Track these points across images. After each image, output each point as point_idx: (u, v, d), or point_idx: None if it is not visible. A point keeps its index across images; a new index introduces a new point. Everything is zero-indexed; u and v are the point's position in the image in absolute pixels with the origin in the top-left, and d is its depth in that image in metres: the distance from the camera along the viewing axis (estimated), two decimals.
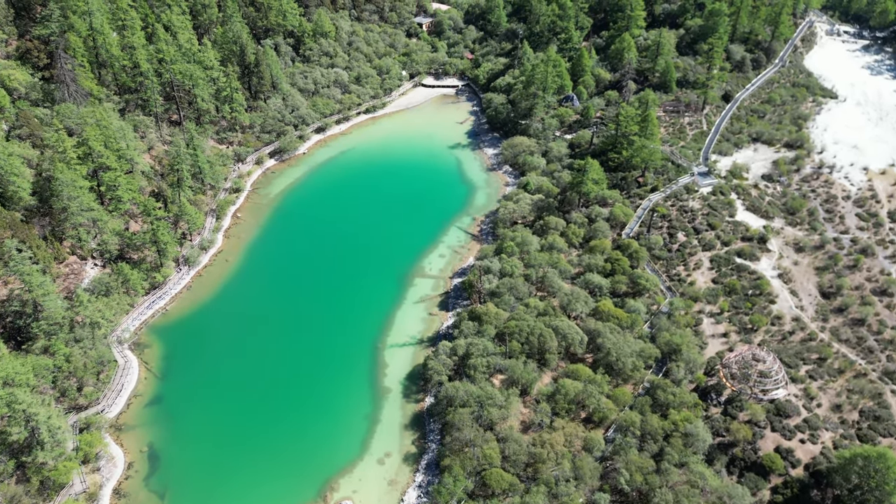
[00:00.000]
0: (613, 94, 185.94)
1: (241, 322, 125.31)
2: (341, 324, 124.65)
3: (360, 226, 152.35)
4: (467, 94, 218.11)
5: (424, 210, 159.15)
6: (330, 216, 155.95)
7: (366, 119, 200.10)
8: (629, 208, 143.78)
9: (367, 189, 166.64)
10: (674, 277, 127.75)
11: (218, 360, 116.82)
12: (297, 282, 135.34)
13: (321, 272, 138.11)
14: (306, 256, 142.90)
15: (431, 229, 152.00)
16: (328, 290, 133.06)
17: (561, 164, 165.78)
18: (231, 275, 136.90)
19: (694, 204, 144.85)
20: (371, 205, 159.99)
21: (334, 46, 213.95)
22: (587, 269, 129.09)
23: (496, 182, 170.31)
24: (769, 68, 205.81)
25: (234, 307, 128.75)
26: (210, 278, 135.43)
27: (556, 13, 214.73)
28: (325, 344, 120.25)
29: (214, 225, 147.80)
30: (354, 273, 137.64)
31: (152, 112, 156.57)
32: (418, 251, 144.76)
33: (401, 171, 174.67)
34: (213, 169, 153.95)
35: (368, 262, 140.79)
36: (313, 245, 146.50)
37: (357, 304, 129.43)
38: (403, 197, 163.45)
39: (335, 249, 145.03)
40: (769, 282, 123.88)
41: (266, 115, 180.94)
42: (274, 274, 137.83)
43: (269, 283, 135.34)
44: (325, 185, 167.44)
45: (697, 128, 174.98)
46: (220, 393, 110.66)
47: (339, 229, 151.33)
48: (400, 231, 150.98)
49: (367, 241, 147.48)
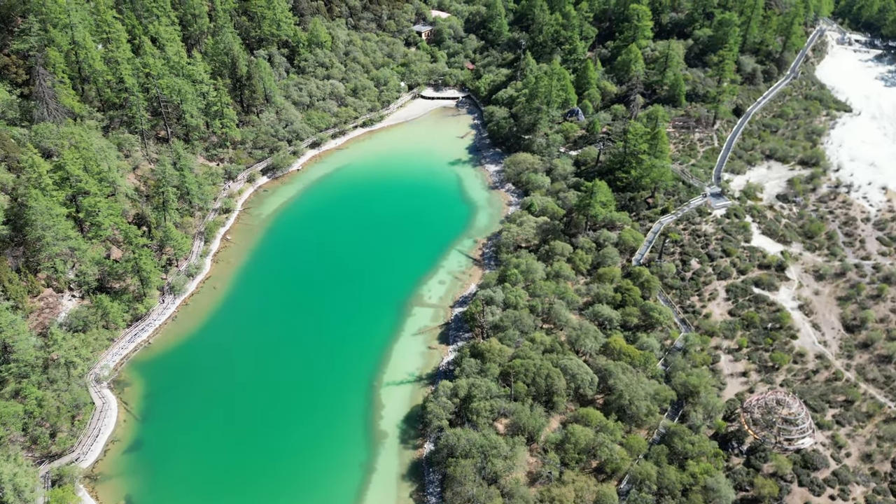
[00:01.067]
0: (620, 109, 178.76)
1: (228, 356, 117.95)
2: (335, 358, 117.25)
3: (356, 248, 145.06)
4: (468, 106, 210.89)
5: (424, 231, 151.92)
6: (324, 238, 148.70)
7: (363, 133, 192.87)
8: (639, 232, 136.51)
9: (364, 208, 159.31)
10: (688, 309, 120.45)
11: (202, 399, 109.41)
12: (289, 311, 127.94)
13: (314, 300, 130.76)
14: (299, 283, 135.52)
15: (431, 253, 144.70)
16: (322, 321, 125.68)
17: (566, 183, 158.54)
18: (219, 304, 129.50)
19: (707, 228, 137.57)
20: (368, 225, 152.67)
21: (330, 57, 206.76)
22: (596, 299, 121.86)
23: (498, 201, 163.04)
24: (781, 80, 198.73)
25: (220, 339, 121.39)
26: (196, 308, 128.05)
27: (559, 22, 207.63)
28: (318, 381, 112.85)
29: (202, 249, 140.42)
30: (350, 301, 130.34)
31: (138, 129, 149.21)
32: (417, 277, 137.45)
33: (399, 188, 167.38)
34: (201, 189, 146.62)
35: (364, 289, 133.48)
36: (306, 270, 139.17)
37: (352, 336, 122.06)
38: (402, 217, 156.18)
39: (329, 274, 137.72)
40: (789, 314, 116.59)
41: (258, 129, 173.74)
42: (264, 302, 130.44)
43: (259, 312, 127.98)
44: (319, 205, 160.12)
45: (708, 144, 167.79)
46: (205, 437, 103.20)
47: (333, 252, 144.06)
48: (398, 254, 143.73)
49: (364, 265, 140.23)
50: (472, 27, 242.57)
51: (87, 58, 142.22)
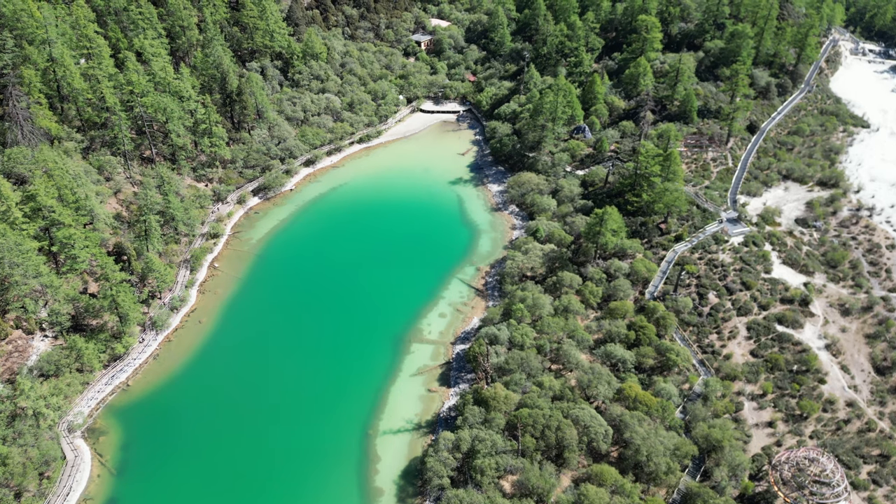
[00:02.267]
0: (629, 125, 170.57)
1: (213, 398, 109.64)
2: (328, 402, 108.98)
3: (351, 276, 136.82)
4: (469, 120, 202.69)
5: (423, 257, 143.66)
6: (317, 265, 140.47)
7: (359, 149, 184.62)
8: (652, 262, 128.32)
9: (360, 232, 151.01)
10: (706, 349, 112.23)
11: (184, 448, 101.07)
12: (279, 348, 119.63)
13: (306, 335, 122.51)
14: (289, 315, 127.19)
15: (431, 282, 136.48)
16: (314, 359, 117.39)
17: (573, 206, 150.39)
18: (204, 339, 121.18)
19: (724, 257, 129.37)
20: (364, 251, 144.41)
21: (326, 69, 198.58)
22: (608, 337, 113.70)
23: (502, 224, 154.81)
24: (795, 94, 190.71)
25: (205, 380, 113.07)
26: (180, 344, 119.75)
27: (564, 33, 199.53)
28: (310, 429, 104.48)
29: (188, 279, 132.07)
30: (344, 336, 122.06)
31: (121, 150, 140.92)
32: (416, 309, 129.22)
33: (397, 210, 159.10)
34: (187, 214, 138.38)
35: (360, 323, 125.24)
36: (298, 301, 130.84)
37: (347, 376, 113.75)
38: (400, 241, 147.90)
39: (322, 306, 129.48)
40: (816, 356, 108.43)
41: (250, 148, 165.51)
42: (252, 338, 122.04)
43: (247, 349, 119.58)
44: (312, 229, 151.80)
45: (722, 164, 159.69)
46: (186, 492, 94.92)
47: (327, 281, 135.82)
48: (396, 283, 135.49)
49: (359, 295, 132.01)
50: (473, 37, 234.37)
51: (66, 75, 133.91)
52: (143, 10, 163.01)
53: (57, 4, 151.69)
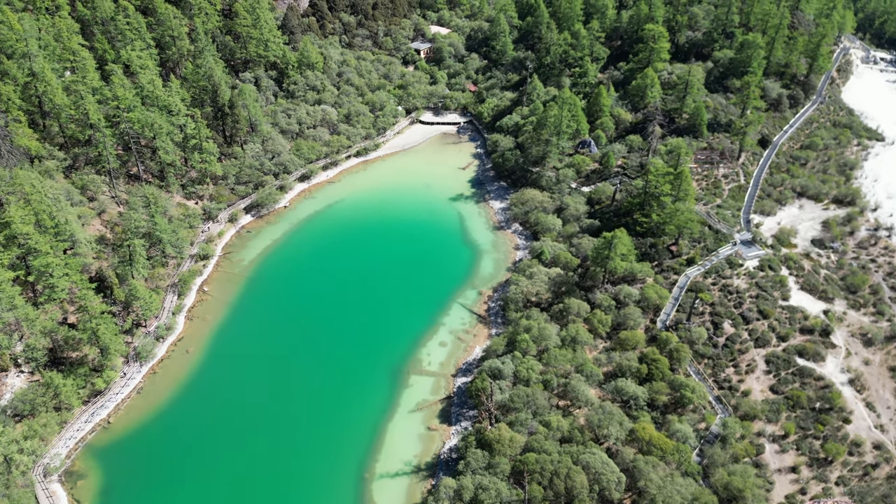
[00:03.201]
0: (636, 140, 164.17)
1: (199, 436, 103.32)
2: (322, 441, 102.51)
3: (346, 301, 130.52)
4: (470, 132, 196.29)
5: (422, 280, 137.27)
6: (311, 289, 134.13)
7: (357, 163, 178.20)
8: (663, 288, 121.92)
9: (356, 252, 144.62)
10: (723, 384, 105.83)
11: (168, 493, 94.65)
12: (270, 380, 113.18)
13: (299, 366, 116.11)
14: (281, 344, 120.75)
15: (430, 307, 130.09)
16: (307, 393, 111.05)
17: (579, 225, 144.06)
18: (191, 371, 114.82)
19: (739, 283, 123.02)
20: (361, 273, 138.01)
21: (322, 79, 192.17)
22: (618, 370, 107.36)
23: (504, 244, 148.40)
24: (807, 105, 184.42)
25: (191, 416, 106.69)
26: (166, 376, 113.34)
27: (568, 42, 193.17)
28: (303, 472, 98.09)
29: (175, 304, 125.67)
30: (339, 368, 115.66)
31: (105, 168, 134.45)
32: (415, 336, 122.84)
33: (395, 229, 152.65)
34: (175, 235, 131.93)
35: (356, 353, 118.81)
36: (290, 328, 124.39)
37: (342, 412, 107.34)
38: (398, 263, 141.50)
39: (317, 334, 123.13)
40: (840, 393, 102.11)
41: (242, 163, 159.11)
42: (241, 369, 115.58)
43: (235, 381, 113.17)
44: (307, 249, 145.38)
45: (734, 180, 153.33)
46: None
47: (322, 306, 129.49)
48: (394, 308, 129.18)
49: (355, 321, 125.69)
50: (473, 44, 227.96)
51: (47, 91, 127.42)
52: (132, 21, 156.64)
53: (40, 15, 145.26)
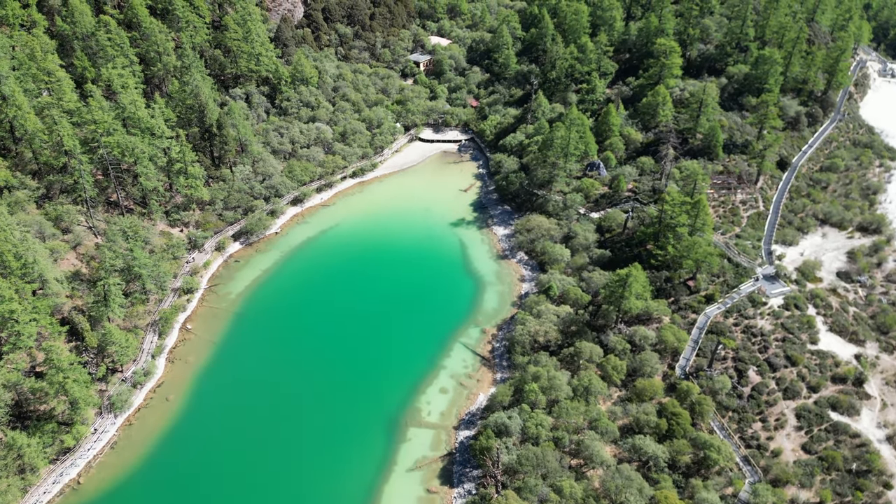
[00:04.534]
0: (648, 162, 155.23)
1: (176, 497, 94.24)
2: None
3: (340, 341, 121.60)
4: (472, 150, 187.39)
5: (422, 315, 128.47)
6: (303, 327, 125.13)
7: (353, 184, 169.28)
8: (682, 330, 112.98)
9: (351, 285, 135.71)
10: (751, 441, 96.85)
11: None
12: (255, 433, 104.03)
13: (286, 416, 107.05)
14: (269, 390, 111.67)
15: (430, 346, 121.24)
16: (295, 447, 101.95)
17: (588, 256, 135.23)
18: (170, 421, 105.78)
19: (763, 324, 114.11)
20: (355, 309, 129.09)
21: (317, 95, 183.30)
22: (635, 424, 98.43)
23: (509, 275, 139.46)
24: (826, 124, 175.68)
25: (168, 473, 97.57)
26: (143, 428, 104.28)
27: (574, 56, 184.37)
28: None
29: (155, 345, 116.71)
30: (331, 418, 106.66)
31: (82, 198, 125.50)
32: (414, 381, 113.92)
33: (392, 257, 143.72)
34: (157, 268, 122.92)
35: (350, 400, 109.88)
36: (279, 372, 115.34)
37: (333, 471, 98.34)
38: (395, 296, 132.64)
39: (307, 378, 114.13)
40: (878, 453, 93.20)
41: (231, 187, 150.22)
42: (224, 419, 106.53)
43: (216, 434, 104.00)
44: (298, 281, 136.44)
45: (753, 207, 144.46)
46: None
47: (313, 347, 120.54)
48: (391, 349, 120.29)
49: (349, 363, 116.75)
50: (475, 57, 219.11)
51: (18, 115, 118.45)
52: (113, 36, 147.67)
53: (13, 31, 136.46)
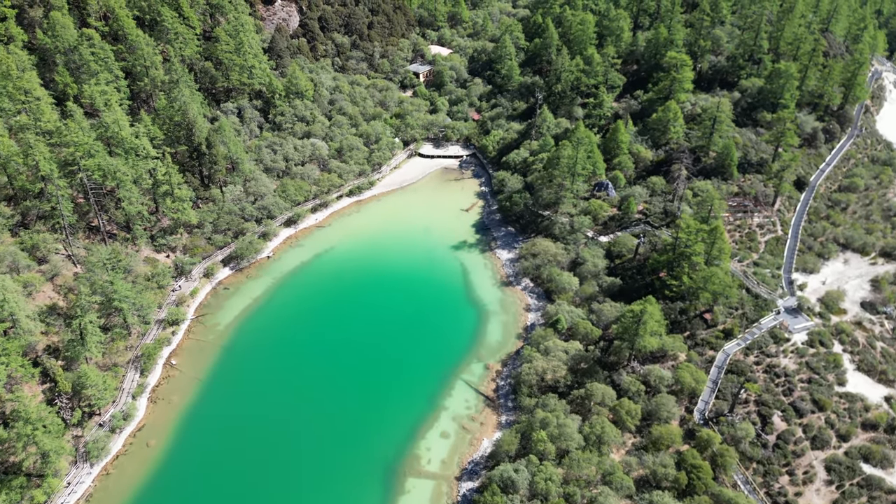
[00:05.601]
0: (659, 182, 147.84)
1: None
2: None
3: (334, 378, 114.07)
4: (474, 166, 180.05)
5: (421, 349, 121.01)
6: (294, 362, 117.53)
7: (349, 203, 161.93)
8: (699, 370, 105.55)
9: (347, 315, 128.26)
10: (777, 497, 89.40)
11: None
12: (241, 482, 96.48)
13: (276, 463, 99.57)
14: (257, 434, 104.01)
15: (430, 383, 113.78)
16: (284, 500, 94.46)
17: (598, 283, 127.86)
18: (151, 469, 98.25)
19: (787, 363, 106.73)
20: (351, 342, 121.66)
21: (312, 109, 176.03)
22: (652, 477, 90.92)
23: (514, 304, 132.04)
24: (843, 140, 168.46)
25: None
26: (121, 477, 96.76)
27: (580, 68, 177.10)
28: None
29: (137, 383, 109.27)
30: (324, 467, 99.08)
31: (60, 225, 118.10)
32: (413, 423, 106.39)
33: (390, 284, 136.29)
34: (140, 299, 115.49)
35: (344, 446, 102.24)
36: (268, 412, 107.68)
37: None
38: (393, 327, 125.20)
39: (299, 419, 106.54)
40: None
41: (220, 208, 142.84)
42: (209, 465, 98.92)
43: (201, 482, 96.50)
44: (290, 311, 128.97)
45: (770, 231, 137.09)
46: None
47: (305, 385, 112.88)
48: (388, 386, 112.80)
49: (343, 404, 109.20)
50: (477, 67, 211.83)
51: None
52: (97, 50, 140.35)
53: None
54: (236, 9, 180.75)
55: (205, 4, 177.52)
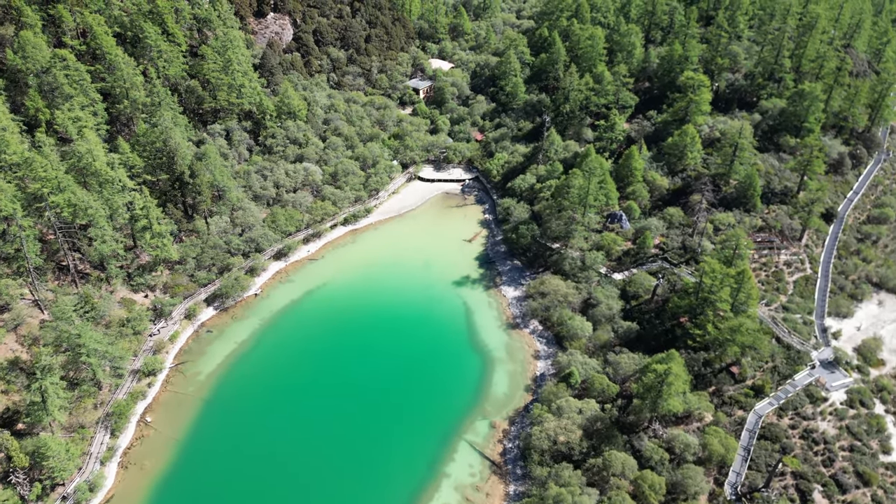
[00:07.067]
0: (677, 213, 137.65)
1: None
2: None
3: (323, 439, 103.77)
4: (477, 190, 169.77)
5: (420, 401, 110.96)
6: (282, 418, 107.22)
7: (344, 233, 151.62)
8: (729, 436, 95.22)
9: (339, 362, 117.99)
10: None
11: None
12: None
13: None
14: (240, 501, 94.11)
15: (430, 444, 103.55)
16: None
17: (612, 328, 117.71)
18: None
19: (826, 427, 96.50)
20: (342, 394, 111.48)
21: (305, 130, 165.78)
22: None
23: (521, 350, 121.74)
24: (870, 165, 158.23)
25: None
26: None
27: (589, 87, 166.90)
28: None
29: (106, 446, 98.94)
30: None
31: (24, 268, 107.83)
32: (410, 494, 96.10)
33: (386, 326, 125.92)
34: (113, 348, 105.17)
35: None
36: (251, 480, 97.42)
37: None
38: (389, 377, 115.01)
39: (285, 489, 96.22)
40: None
41: (205, 242, 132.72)
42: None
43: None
44: (278, 357, 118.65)
45: (799, 269, 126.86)
46: None
47: (293, 445, 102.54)
48: (384, 449, 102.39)
49: (334, 471, 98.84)
50: (479, 83, 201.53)
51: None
52: (71, 72, 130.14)
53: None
54: (225, 23, 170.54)
55: (191, 19, 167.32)
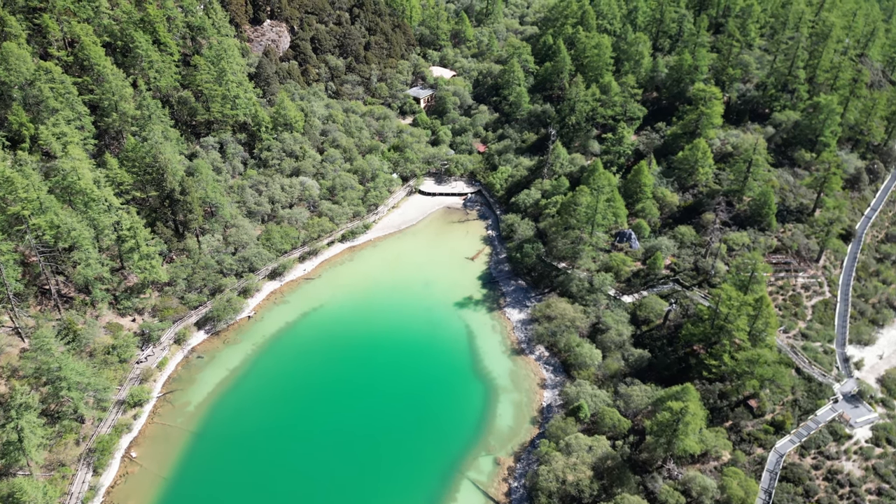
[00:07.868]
0: (688, 232, 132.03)
1: None
2: None
3: (317, 477, 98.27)
4: (479, 205, 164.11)
5: (419, 435, 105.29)
6: (275, 453, 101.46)
7: (342, 250, 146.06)
8: (749, 478, 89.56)
9: (334, 392, 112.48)
10: None
11: None
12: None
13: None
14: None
15: (429, 482, 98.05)
16: None
17: (623, 355, 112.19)
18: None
19: (851, 466, 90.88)
20: (337, 425, 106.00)
21: (302, 143, 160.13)
22: None
23: (527, 378, 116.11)
24: (888, 181, 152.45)
25: None
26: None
27: (596, 98, 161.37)
28: None
29: (88, 485, 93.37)
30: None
31: (3, 295, 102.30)
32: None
33: (385, 352, 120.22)
34: (97, 378, 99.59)
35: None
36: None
37: None
38: (387, 407, 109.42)
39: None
40: None
41: (196, 262, 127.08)
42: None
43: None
44: (271, 385, 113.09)
45: (817, 293, 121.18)
46: None
47: (283, 487, 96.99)
48: (380, 489, 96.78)
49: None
50: (482, 92, 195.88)
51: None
52: (57, 85, 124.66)
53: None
54: (219, 31, 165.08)
55: (184, 27, 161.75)
